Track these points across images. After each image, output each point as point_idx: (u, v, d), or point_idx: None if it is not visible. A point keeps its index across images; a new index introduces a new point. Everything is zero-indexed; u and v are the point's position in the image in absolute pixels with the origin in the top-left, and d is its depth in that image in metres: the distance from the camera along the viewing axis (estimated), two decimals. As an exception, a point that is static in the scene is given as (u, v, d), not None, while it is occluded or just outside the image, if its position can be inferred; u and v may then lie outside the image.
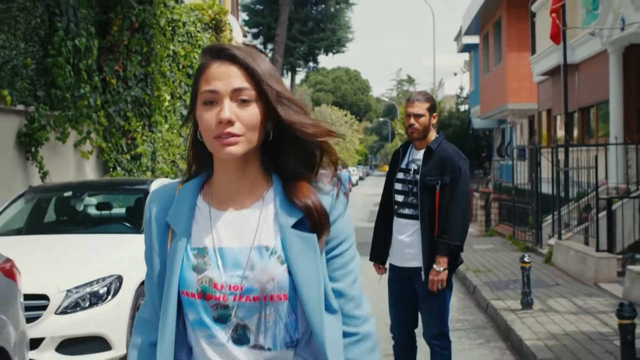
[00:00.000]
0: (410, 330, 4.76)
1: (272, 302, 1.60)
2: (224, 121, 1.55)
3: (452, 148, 4.68)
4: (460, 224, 4.46)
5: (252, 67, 1.58)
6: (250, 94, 1.58)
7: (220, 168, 1.66)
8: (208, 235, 1.64)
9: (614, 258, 9.25)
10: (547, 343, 6.22)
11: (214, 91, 1.57)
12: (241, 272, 1.60)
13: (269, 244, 1.61)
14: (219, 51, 1.61)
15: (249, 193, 1.67)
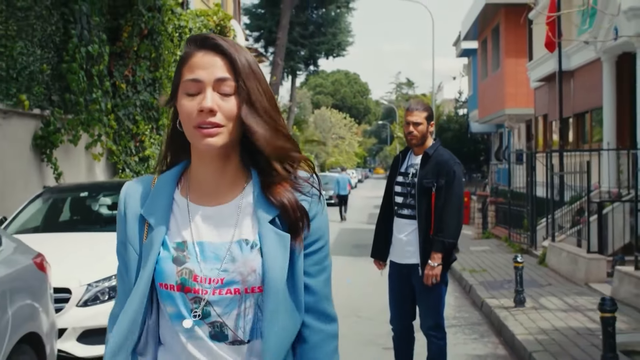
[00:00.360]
0: (409, 323, 5.14)
1: (252, 294, 1.59)
2: (206, 110, 1.53)
3: (447, 153, 5.07)
4: (454, 223, 4.85)
5: (234, 59, 1.57)
6: (231, 85, 1.56)
7: (199, 161, 1.64)
8: (187, 229, 1.63)
9: (604, 259, 9.64)
10: (537, 337, 6.61)
11: (197, 80, 1.56)
12: (221, 266, 1.58)
13: (249, 237, 1.61)
14: (204, 40, 1.60)
15: (227, 187, 1.65)
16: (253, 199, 1.63)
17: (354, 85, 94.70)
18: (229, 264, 1.58)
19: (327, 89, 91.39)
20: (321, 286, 1.68)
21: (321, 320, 1.69)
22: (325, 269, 1.70)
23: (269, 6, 37.62)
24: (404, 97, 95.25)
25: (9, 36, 8.28)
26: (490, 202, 18.12)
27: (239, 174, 1.66)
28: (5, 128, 8.38)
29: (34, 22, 8.83)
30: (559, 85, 13.72)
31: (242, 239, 1.60)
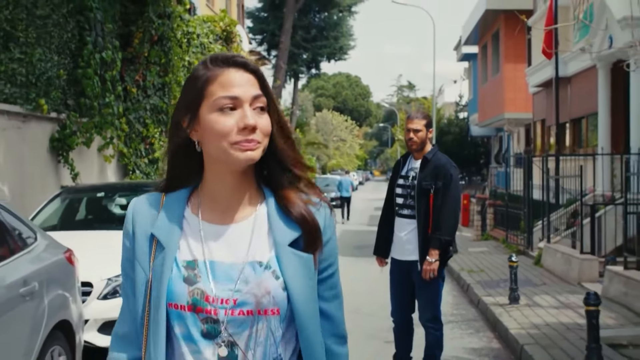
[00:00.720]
0: (409, 315, 5.54)
1: (265, 316, 1.56)
2: (249, 127, 1.52)
3: (444, 158, 5.48)
4: (450, 223, 5.26)
5: (263, 76, 1.59)
6: (264, 102, 1.57)
7: (216, 179, 1.62)
8: (198, 247, 1.60)
9: (596, 260, 10.04)
10: (529, 332, 7.01)
11: (235, 97, 1.54)
12: (233, 286, 1.55)
13: (263, 259, 1.58)
14: (232, 58, 1.59)
15: (241, 206, 1.63)
16: (268, 218, 1.62)
17: (355, 87, 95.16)
18: (242, 284, 1.55)
19: (329, 91, 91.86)
20: (336, 310, 1.69)
21: (338, 343, 1.71)
22: (339, 293, 1.71)
23: (272, 10, 38.07)
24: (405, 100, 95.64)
25: (28, 43, 8.69)
26: (488, 204, 18.50)
27: (253, 193, 1.64)
28: (24, 131, 8.79)
29: (51, 30, 9.24)
30: (555, 93, 14.14)
31: (255, 260, 1.58)
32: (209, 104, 1.54)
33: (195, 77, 1.60)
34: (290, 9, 32.40)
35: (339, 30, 40.40)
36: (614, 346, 6.36)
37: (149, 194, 1.69)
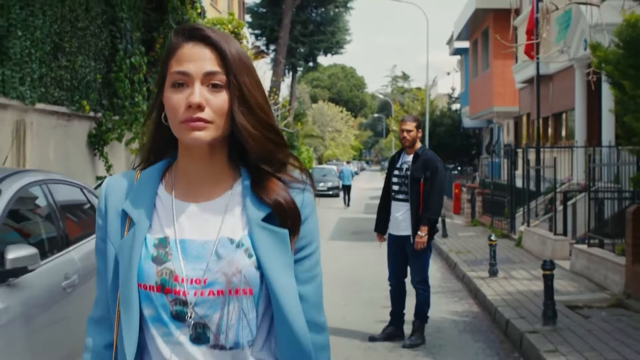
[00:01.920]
0: (402, 279, 6.91)
1: (236, 296, 1.50)
2: (194, 105, 1.46)
3: (431, 153, 6.86)
4: (436, 205, 6.63)
5: (225, 52, 1.50)
6: (221, 79, 1.49)
7: (186, 156, 1.57)
8: (170, 225, 1.54)
9: (567, 241, 11.42)
10: (503, 298, 8.38)
11: (185, 73, 1.48)
12: (204, 265, 1.50)
13: (235, 237, 1.52)
14: (192, 31, 1.52)
15: (215, 184, 1.57)
16: (242, 196, 1.55)
17: (350, 79, 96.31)
18: (212, 263, 1.50)
19: (324, 82, 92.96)
20: (312, 294, 1.60)
21: (314, 330, 1.59)
22: (316, 276, 1.62)
23: (271, 5, 39.31)
24: (399, 90, 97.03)
25: (72, 52, 9.97)
26: (477, 193, 19.87)
27: (227, 171, 1.58)
28: (69, 129, 10.10)
29: (89, 39, 10.52)
30: (537, 91, 15.49)
31: (227, 237, 1.52)
32: (168, 79, 1.51)
33: (167, 48, 1.56)
34: (289, 5, 33.65)
35: (335, 25, 41.74)
36: (571, 307, 7.74)
37: (124, 172, 1.65)
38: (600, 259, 9.16)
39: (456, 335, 7.21)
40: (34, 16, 8.79)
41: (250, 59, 1.56)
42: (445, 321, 7.75)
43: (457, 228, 18.05)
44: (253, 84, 1.53)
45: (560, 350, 5.86)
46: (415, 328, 6.76)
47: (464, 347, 6.74)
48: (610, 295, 8.30)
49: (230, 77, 1.49)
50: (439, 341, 6.89)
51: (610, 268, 8.75)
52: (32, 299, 4.10)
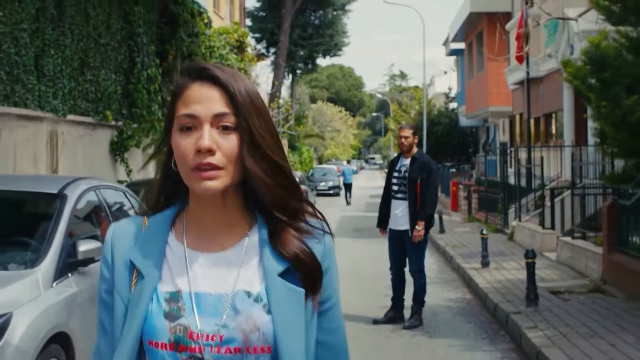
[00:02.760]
0: (401, 269, 7.80)
1: (254, 354, 1.39)
2: (204, 150, 1.35)
3: (427, 157, 7.78)
4: (431, 202, 7.52)
5: (234, 92, 1.40)
6: (231, 121, 1.38)
7: (197, 203, 1.45)
8: (182, 277, 1.42)
9: (554, 234, 12.31)
10: (493, 285, 9.28)
11: (193, 116, 1.38)
12: (220, 320, 1.38)
13: (253, 290, 1.41)
14: (199, 71, 1.42)
15: (229, 232, 1.46)
16: (259, 246, 1.45)
17: (348, 79, 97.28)
18: (229, 319, 1.39)
19: (322, 82, 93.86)
20: (339, 341, 1.55)
21: None
22: (340, 325, 1.56)
23: (270, 10, 40.21)
24: (397, 89, 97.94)
25: (96, 67, 10.87)
26: (473, 190, 20.75)
27: (242, 217, 1.47)
28: (94, 137, 11.00)
29: (110, 54, 11.42)
30: (527, 93, 16.38)
31: (244, 290, 1.41)
32: (176, 122, 1.42)
33: (173, 89, 1.49)
34: (288, 9, 34.56)
35: (334, 28, 42.68)
36: (554, 292, 8.64)
37: (130, 218, 1.56)
38: (582, 249, 10.06)
39: (450, 318, 8.11)
40: (64, 36, 9.69)
41: (260, 97, 1.46)
42: (440, 307, 8.64)
43: (454, 224, 18.93)
44: (263, 126, 1.42)
45: (539, 326, 6.75)
46: (413, 311, 7.66)
47: (457, 327, 7.64)
48: (589, 281, 9.20)
49: (239, 119, 1.39)
50: (435, 323, 7.78)
51: (590, 257, 9.65)
52: (98, 284, 5.00)
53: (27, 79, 8.77)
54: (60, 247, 4.76)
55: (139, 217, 1.52)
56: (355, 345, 6.83)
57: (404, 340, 7.11)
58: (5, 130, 8.33)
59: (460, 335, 7.28)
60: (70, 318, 4.55)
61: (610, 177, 8.32)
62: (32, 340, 4.07)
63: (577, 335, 6.37)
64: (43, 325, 4.22)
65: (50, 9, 9.29)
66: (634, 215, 8.32)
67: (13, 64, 8.43)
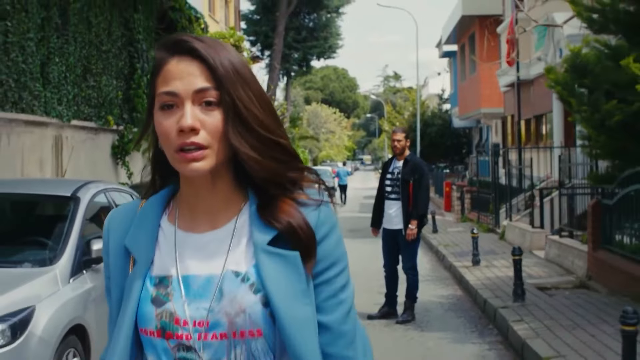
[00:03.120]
0: (394, 267, 8.16)
1: (242, 339, 1.31)
2: (186, 129, 1.27)
3: (419, 159, 8.15)
4: (424, 202, 7.89)
5: (215, 64, 1.30)
6: (214, 95, 1.30)
7: (186, 184, 1.39)
8: (172, 261, 1.37)
9: (543, 233, 12.69)
10: (483, 282, 9.65)
11: (173, 93, 1.29)
12: (208, 304, 1.32)
13: (240, 269, 1.34)
14: (176, 44, 1.32)
15: (220, 212, 1.39)
16: (249, 223, 1.37)
17: (342, 80, 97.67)
18: (215, 302, 1.32)
19: (317, 84, 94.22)
20: (337, 323, 1.39)
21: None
22: (342, 303, 1.41)
23: (265, 12, 40.58)
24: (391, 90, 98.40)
25: (98, 73, 11.21)
26: (465, 191, 21.14)
27: (234, 195, 1.40)
28: (96, 141, 11.34)
29: (112, 61, 11.76)
30: (517, 96, 16.77)
31: (232, 270, 1.34)
32: (156, 101, 1.33)
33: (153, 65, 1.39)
34: (283, 12, 34.92)
35: (328, 30, 43.10)
36: (541, 288, 9.01)
37: (128, 202, 1.52)
38: (569, 247, 10.44)
39: (442, 313, 8.48)
40: (68, 44, 10.03)
41: (248, 67, 1.38)
42: (432, 303, 9.01)
43: (447, 224, 19.30)
44: (252, 98, 1.33)
45: (524, 320, 7.12)
46: (406, 307, 8.03)
47: (448, 322, 8.01)
48: (575, 278, 9.58)
49: (222, 93, 1.30)
50: (427, 318, 8.15)
51: (576, 255, 10.03)
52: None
53: (34, 86, 9.11)
54: (76, 246, 5.11)
55: (137, 201, 1.49)
56: (351, 338, 7.19)
57: (397, 334, 7.47)
58: (13, 136, 8.67)
59: (450, 329, 7.65)
60: (86, 311, 4.91)
61: (594, 177, 8.70)
62: (53, 331, 4.42)
63: (560, 328, 6.74)
64: (62, 317, 4.57)
65: (54, 19, 9.63)
66: (616, 214, 8.70)
67: (20, 71, 8.77)
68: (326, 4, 42.41)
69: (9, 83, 8.53)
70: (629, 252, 8.30)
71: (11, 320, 4.23)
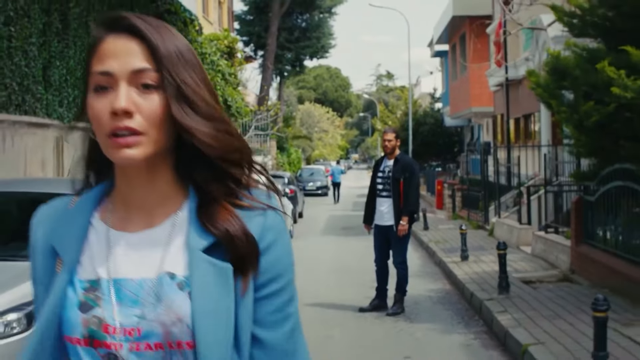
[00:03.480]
0: (385, 261, 8.52)
1: (179, 350, 1.19)
2: (119, 112, 1.16)
3: (409, 158, 8.53)
4: (414, 199, 8.25)
5: (156, 43, 1.20)
6: (153, 78, 1.19)
7: (121, 177, 1.27)
8: (102, 262, 1.25)
9: (530, 229, 13.08)
10: (471, 276, 10.01)
11: (107, 73, 1.18)
12: (141, 311, 1.20)
13: (177, 271, 1.22)
14: (115, 21, 1.22)
15: (157, 208, 1.28)
16: (187, 223, 1.26)
17: (335, 79, 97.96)
18: (149, 308, 1.20)
19: (310, 83, 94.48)
20: (281, 341, 1.27)
21: None
22: (286, 319, 1.28)
23: (258, 13, 40.91)
24: (384, 89, 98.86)
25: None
26: (456, 189, 21.52)
27: (173, 192, 1.28)
28: (95, 142, 11.68)
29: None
30: (506, 96, 17.16)
31: (167, 272, 1.22)
32: (90, 81, 1.22)
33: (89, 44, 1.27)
34: (275, 13, 35.29)
35: (320, 30, 43.47)
36: (526, 282, 9.38)
37: (58, 198, 1.36)
38: (554, 243, 10.82)
39: (430, 306, 8.84)
40: (68, 48, 10.35)
41: (195, 55, 1.28)
42: (422, 297, 9.37)
43: (439, 222, 19.67)
44: (197, 83, 1.23)
45: (508, 311, 7.49)
46: (396, 300, 8.38)
47: (436, 314, 8.36)
48: (559, 271, 9.95)
49: (164, 74, 1.20)
50: (416, 310, 8.51)
51: (560, 250, 10.40)
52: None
53: (36, 89, 9.42)
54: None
55: (68, 197, 1.35)
56: (343, 330, 7.55)
57: (387, 326, 7.82)
58: (17, 137, 8.99)
59: (438, 321, 8.00)
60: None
61: (576, 174, 9.07)
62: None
63: (541, 317, 7.11)
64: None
65: (55, 23, 9.95)
66: (597, 210, 9.07)
67: (23, 75, 9.09)
68: (318, 4, 42.79)
69: (13, 86, 8.84)
70: (609, 246, 8.67)
71: (26, 309, 4.56)
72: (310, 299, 9.09)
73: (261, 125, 28.65)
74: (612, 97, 6.59)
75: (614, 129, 7.08)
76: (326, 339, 7.13)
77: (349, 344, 7.05)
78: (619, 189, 8.05)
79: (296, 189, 22.20)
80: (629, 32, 7.05)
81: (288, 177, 23.87)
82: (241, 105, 19.19)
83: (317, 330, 7.44)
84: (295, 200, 20.70)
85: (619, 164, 7.67)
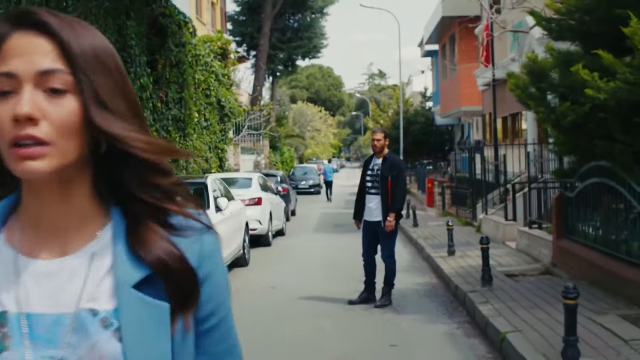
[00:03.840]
0: (373, 255, 8.90)
1: None
2: (22, 118, 1.01)
3: (397, 157, 8.91)
4: (400, 197, 8.62)
5: (68, 42, 1.04)
6: (65, 81, 1.03)
7: (30, 193, 1.10)
8: (10, 294, 1.07)
9: (515, 225, 13.48)
10: (456, 270, 10.40)
11: (10, 74, 1.03)
12: (58, 352, 1.04)
13: (100, 307, 1.06)
14: (21, 17, 1.06)
15: (73, 232, 1.10)
16: (112, 249, 1.09)
17: (327, 78, 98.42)
18: (68, 350, 1.04)
19: (302, 82, 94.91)
20: None
21: None
22: (234, 347, 1.20)
23: (250, 14, 41.25)
24: (376, 88, 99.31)
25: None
26: (446, 186, 21.93)
27: (91, 211, 1.12)
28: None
29: (106, 65, 12.42)
30: (493, 95, 17.56)
31: (89, 308, 1.06)
32: None
33: None
34: (268, 14, 35.65)
35: (312, 31, 43.87)
36: (509, 275, 9.77)
37: None
38: (537, 238, 11.22)
39: (417, 299, 9.22)
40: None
41: (116, 57, 1.12)
42: (409, 290, 9.75)
43: (429, 219, 20.08)
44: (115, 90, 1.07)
45: (490, 301, 7.88)
46: (384, 293, 8.76)
47: (422, 306, 8.75)
48: (541, 265, 10.35)
49: (79, 75, 1.04)
50: (403, 303, 8.89)
51: (543, 245, 10.80)
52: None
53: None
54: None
55: None
56: (333, 322, 7.93)
57: (375, 317, 8.20)
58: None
59: (424, 312, 8.39)
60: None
61: (557, 172, 9.46)
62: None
63: (520, 307, 7.50)
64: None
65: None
66: (577, 206, 9.46)
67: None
68: (310, 4, 43.19)
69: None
70: (588, 241, 9.07)
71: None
72: (302, 293, 9.46)
73: (254, 125, 29.03)
74: (587, 98, 6.97)
75: (589, 129, 7.46)
76: (317, 330, 7.52)
77: (339, 335, 7.42)
78: (596, 185, 8.44)
79: (289, 188, 22.56)
80: (603, 36, 7.44)
81: (281, 175, 24.23)
82: (234, 106, 19.55)
83: (309, 322, 7.83)
84: (288, 199, 21.06)
85: (595, 162, 8.06)
